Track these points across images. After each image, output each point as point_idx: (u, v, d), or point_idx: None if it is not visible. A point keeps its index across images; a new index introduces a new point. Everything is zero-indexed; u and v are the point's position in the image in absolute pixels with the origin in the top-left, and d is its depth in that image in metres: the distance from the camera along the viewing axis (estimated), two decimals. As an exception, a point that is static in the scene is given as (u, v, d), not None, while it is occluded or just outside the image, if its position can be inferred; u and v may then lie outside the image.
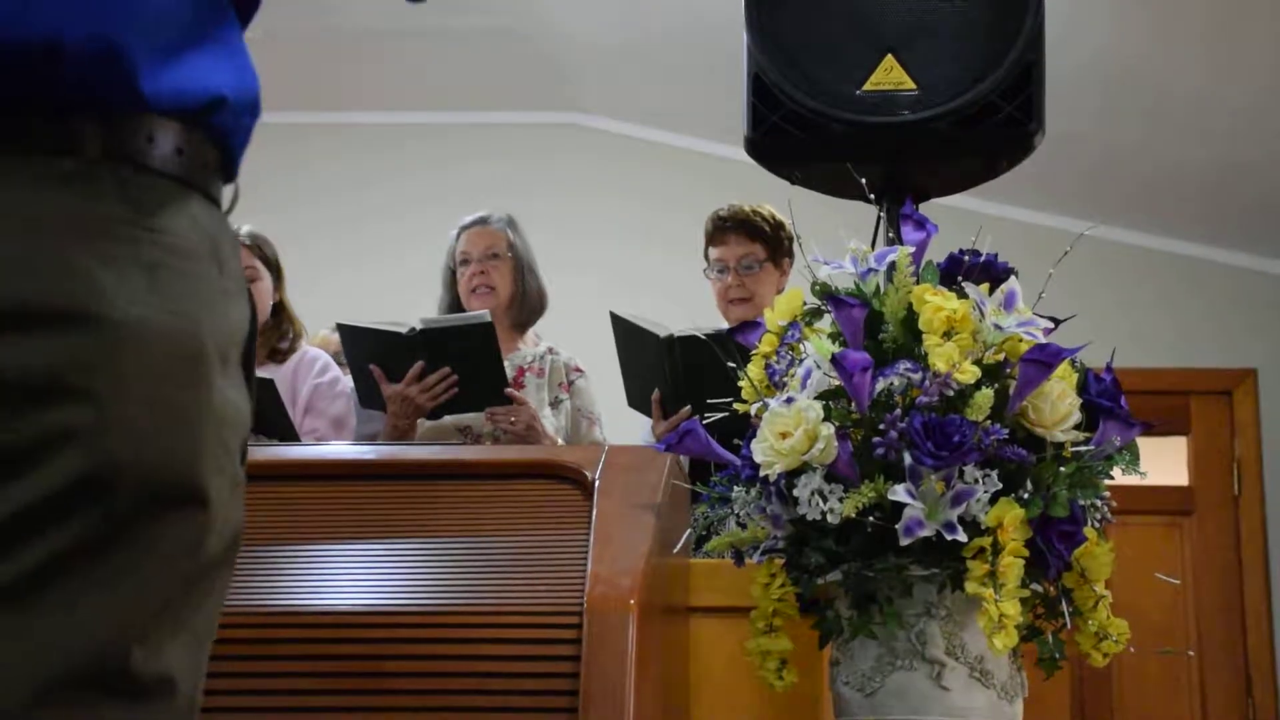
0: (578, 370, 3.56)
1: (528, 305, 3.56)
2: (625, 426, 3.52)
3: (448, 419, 3.38)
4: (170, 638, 1.09)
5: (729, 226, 3.44)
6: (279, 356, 3.56)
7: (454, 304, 3.56)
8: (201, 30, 1.14)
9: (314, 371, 3.55)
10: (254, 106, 1.21)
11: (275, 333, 3.58)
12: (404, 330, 3.25)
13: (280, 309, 3.61)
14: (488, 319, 3.25)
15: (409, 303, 3.88)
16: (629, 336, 3.23)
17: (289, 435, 3.32)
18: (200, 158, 1.15)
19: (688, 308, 3.43)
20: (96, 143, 1.08)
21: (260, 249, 3.59)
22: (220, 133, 1.17)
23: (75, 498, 1.01)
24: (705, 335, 2.95)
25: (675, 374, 3.12)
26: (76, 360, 1.02)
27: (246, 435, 1.18)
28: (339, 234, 5.80)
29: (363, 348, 3.32)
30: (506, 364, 3.46)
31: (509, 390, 3.29)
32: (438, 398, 3.25)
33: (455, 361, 3.23)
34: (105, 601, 1.04)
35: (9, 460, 1.00)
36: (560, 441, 3.38)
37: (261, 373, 3.38)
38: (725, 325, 3.35)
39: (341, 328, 3.36)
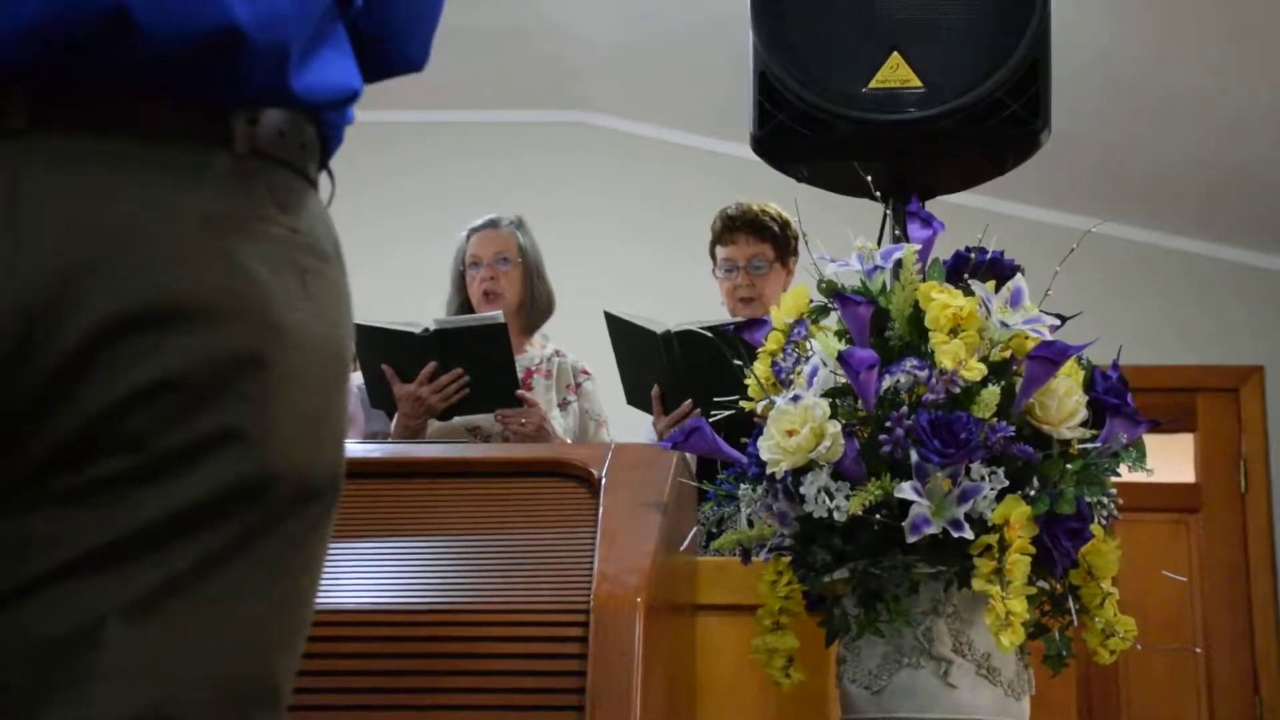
0: (585, 373, 3.56)
1: (536, 309, 3.56)
2: (630, 427, 3.52)
3: (458, 420, 3.38)
4: (301, 641, 1.10)
5: (738, 226, 3.43)
6: None
7: (464, 306, 3.56)
8: (331, 25, 1.13)
9: None
10: (350, 104, 1.20)
11: None
12: (417, 330, 3.25)
13: None
14: (501, 320, 3.25)
15: (416, 301, 3.88)
16: (625, 335, 3.22)
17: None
18: (315, 154, 1.15)
19: (694, 305, 3.43)
20: (246, 137, 1.06)
21: None
22: (329, 129, 1.16)
23: (234, 500, 1.01)
24: (703, 328, 2.94)
25: (675, 369, 3.12)
26: (242, 363, 1.01)
27: None
28: (345, 233, 5.79)
29: (375, 347, 3.32)
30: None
31: (520, 392, 3.29)
32: (449, 398, 3.25)
33: (468, 362, 3.23)
34: (259, 604, 1.04)
35: (173, 458, 0.99)
36: (570, 442, 3.38)
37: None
38: (725, 316, 3.35)
39: (356, 326, 3.36)
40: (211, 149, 1.05)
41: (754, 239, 3.42)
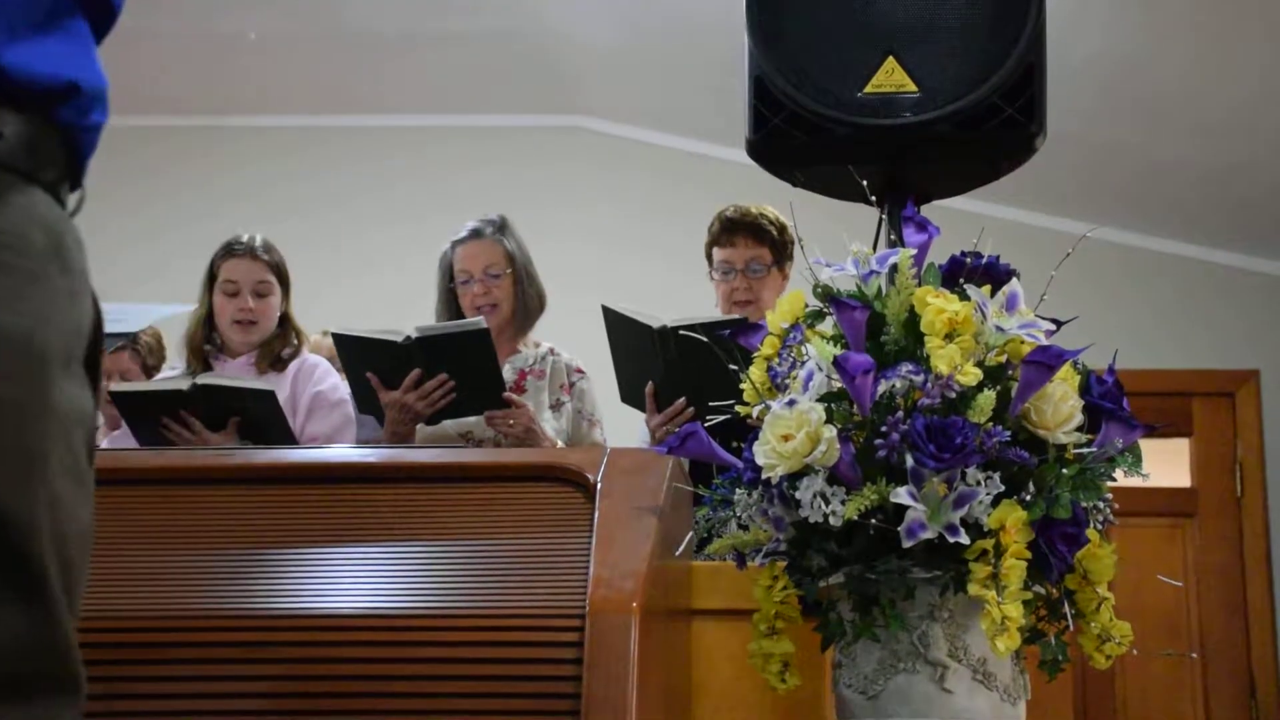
0: (579, 372, 3.55)
1: (529, 312, 3.56)
2: (625, 427, 3.52)
3: (448, 424, 3.38)
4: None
5: (737, 228, 3.43)
6: (280, 365, 3.57)
7: (454, 319, 3.55)
8: (53, 19, 1.12)
9: (314, 378, 3.56)
10: (103, 104, 1.18)
11: (280, 343, 3.59)
12: (399, 338, 3.24)
13: (285, 320, 3.62)
14: (483, 325, 3.25)
15: (412, 307, 3.87)
16: (621, 329, 3.22)
17: (289, 443, 3.31)
18: (47, 153, 1.13)
19: (688, 309, 3.42)
20: None
21: (275, 263, 3.59)
22: (68, 128, 1.15)
23: None
24: (700, 325, 2.94)
25: (669, 366, 3.11)
26: None
27: (92, 434, 1.16)
28: (339, 237, 5.80)
29: (359, 356, 3.31)
30: (507, 367, 3.46)
31: (507, 394, 3.29)
32: (436, 404, 3.25)
33: (452, 368, 3.23)
34: None
35: None
36: (560, 444, 3.37)
37: (262, 382, 3.38)
38: (719, 315, 3.34)
39: (336, 336, 3.35)
40: None
41: (753, 242, 3.42)
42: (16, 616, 1.05)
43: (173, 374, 3.64)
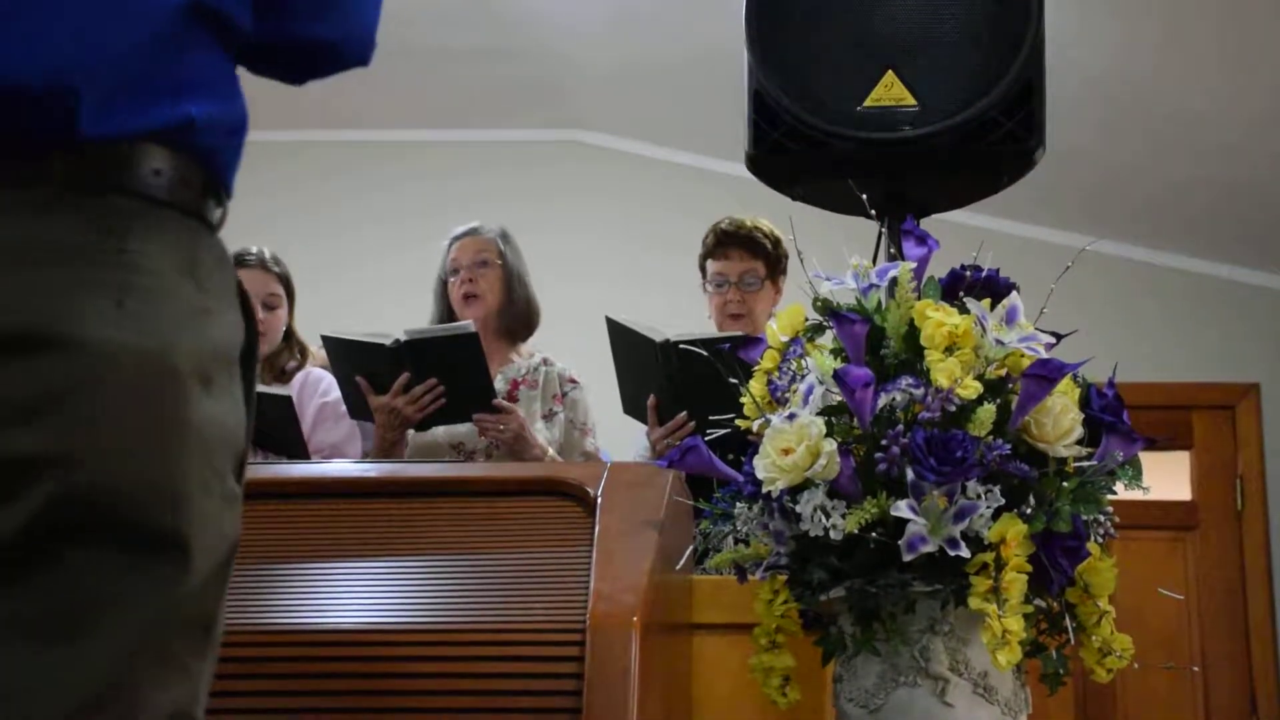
0: (572, 381, 3.55)
1: (516, 314, 3.56)
2: (626, 438, 3.52)
3: (439, 431, 3.38)
4: (162, 667, 1.08)
5: (732, 241, 3.43)
6: (284, 378, 3.58)
7: (445, 315, 3.56)
8: (171, 55, 1.14)
9: (319, 390, 3.56)
10: (238, 126, 1.21)
11: (284, 356, 3.60)
12: (387, 342, 3.25)
13: (289, 333, 3.63)
14: (472, 329, 3.25)
15: (410, 322, 3.87)
16: (624, 341, 3.22)
17: (301, 452, 3.31)
18: (182, 177, 1.15)
19: (686, 321, 3.43)
20: (62, 171, 1.08)
21: (283, 275, 3.61)
22: (203, 151, 1.17)
23: (60, 521, 1.01)
24: (701, 340, 2.94)
25: (671, 379, 3.12)
26: (45, 386, 1.01)
27: (241, 451, 1.17)
28: (335, 252, 5.80)
29: (348, 360, 3.32)
30: (500, 377, 3.46)
31: (498, 401, 3.29)
32: (425, 409, 3.25)
33: (441, 372, 3.23)
34: (98, 637, 1.03)
35: None
36: (553, 452, 3.37)
37: (274, 389, 3.39)
38: (717, 330, 3.36)
39: (326, 340, 3.36)
40: (27, 184, 1.07)
41: (747, 255, 3.42)
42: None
43: None
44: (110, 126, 1.10)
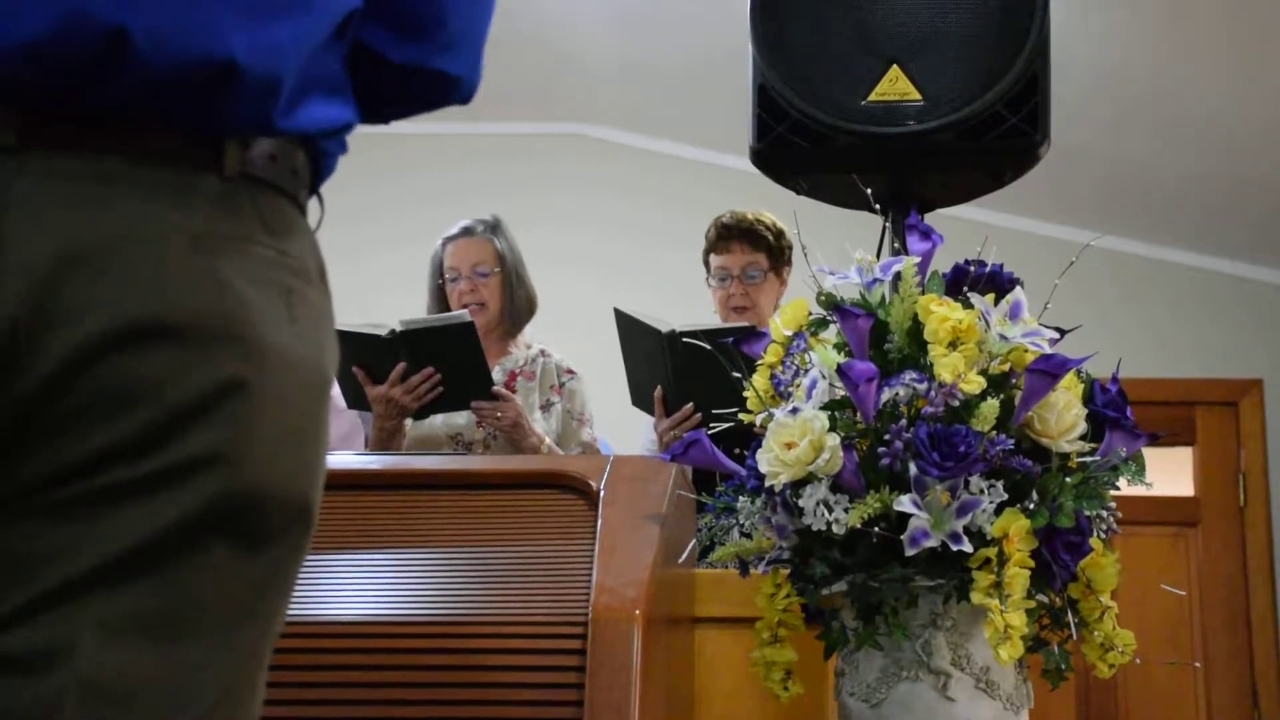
0: (569, 372, 3.55)
1: (517, 314, 3.56)
2: (629, 428, 3.52)
3: (437, 421, 3.38)
4: (265, 660, 1.10)
5: (733, 234, 3.44)
6: None
7: (442, 313, 3.55)
8: (328, 59, 1.14)
9: None
10: (345, 141, 1.21)
11: None
12: (383, 332, 3.25)
13: None
14: (467, 319, 3.25)
15: (412, 313, 3.87)
16: (632, 332, 3.23)
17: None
18: (306, 180, 1.15)
19: (690, 316, 3.42)
20: (237, 161, 1.07)
21: None
22: (322, 157, 1.18)
23: (217, 522, 1.01)
24: (706, 332, 2.94)
25: (676, 371, 3.12)
26: (225, 384, 1.01)
27: None
28: (337, 244, 5.79)
29: (344, 350, 3.31)
30: (498, 369, 3.46)
31: (496, 389, 3.29)
32: (422, 398, 3.25)
33: (437, 361, 3.23)
34: (239, 631, 1.05)
35: (156, 479, 0.99)
36: (550, 442, 3.38)
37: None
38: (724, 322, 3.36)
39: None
40: (201, 171, 1.06)
41: (749, 248, 3.42)
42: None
43: None
44: (294, 122, 1.10)
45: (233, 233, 1.05)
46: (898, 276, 1.90)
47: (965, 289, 1.93)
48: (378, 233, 5.83)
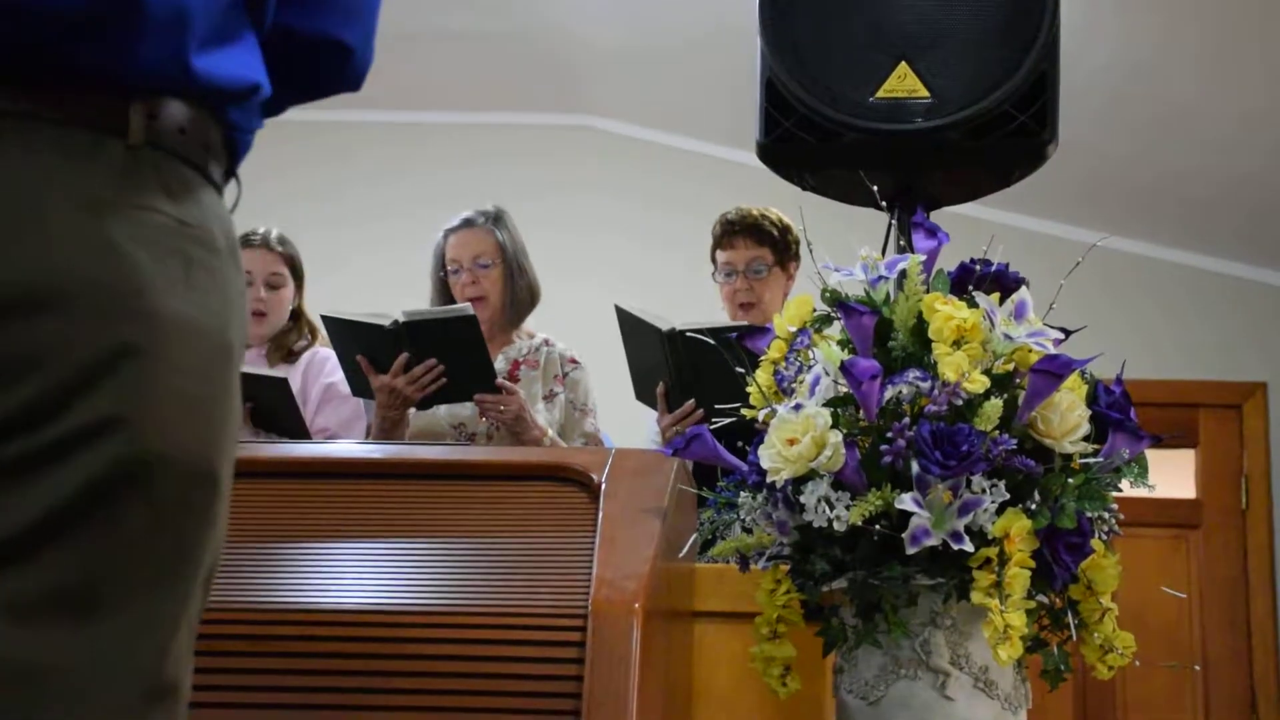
0: (573, 362, 3.55)
1: (519, 305, 3.56)
2: (631, 422, 3.52)
3: (440, 411, 3.38)
4: (187, 632, 1.09)
5: (738, 230, 3.44)
6: (292, 357, 3.58)
7: (445, 305, 3.55)
8: (238, 21, 1.14)
9: (324, 371, 3.57)
10: (260, 115, 1.21)
11: (292, 335, 3.60)
12: (386, 323, 3.25)
13: (298, 314, 3.64)
14: (470, 311, 3.25)
15: (414, 302, 3.87)
16: (632, 329, 3.23)
17: (300, 433, 3.32)
18: (219, 154, 1.15)
19: (696, 310, 3.42)
20: (142, 129, 1.07)
21: (289, 257, 3.61)
22: (235, 129, 1.17)
23: (118, 488, 1.01)
24: (708, 330, 2.95)
25: (679, 367, 3.13)
26: (117, 349, 1.01)
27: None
28: (342, 231, 5.80)
29: (348, 339, 3.33)
30: (501, 358, 3.46)
31: (500, 381, 3.30)
32: (425, 389, 3.26)
33: (440, 353, 3.24)
34: (149, 599, 1.03)
35: (51, 448, 0.98)
36: (553, 433, 3.38)
37: (274, 372, 3.39)
38: (727, 318, 3.36)
39: (326, 319, 3.37)
40: (105, 136, 1.05)
41: (753, 243, 3.43)
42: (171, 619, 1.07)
43: None
44: (203, 71, 1.09)
45: (132, 200, 1.05)
46: (903, 274, 1.90)
47: (970, 288, 1.92)
48: (389, 228, 5.82)
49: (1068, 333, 1.91)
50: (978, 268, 1.95)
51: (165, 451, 1.03)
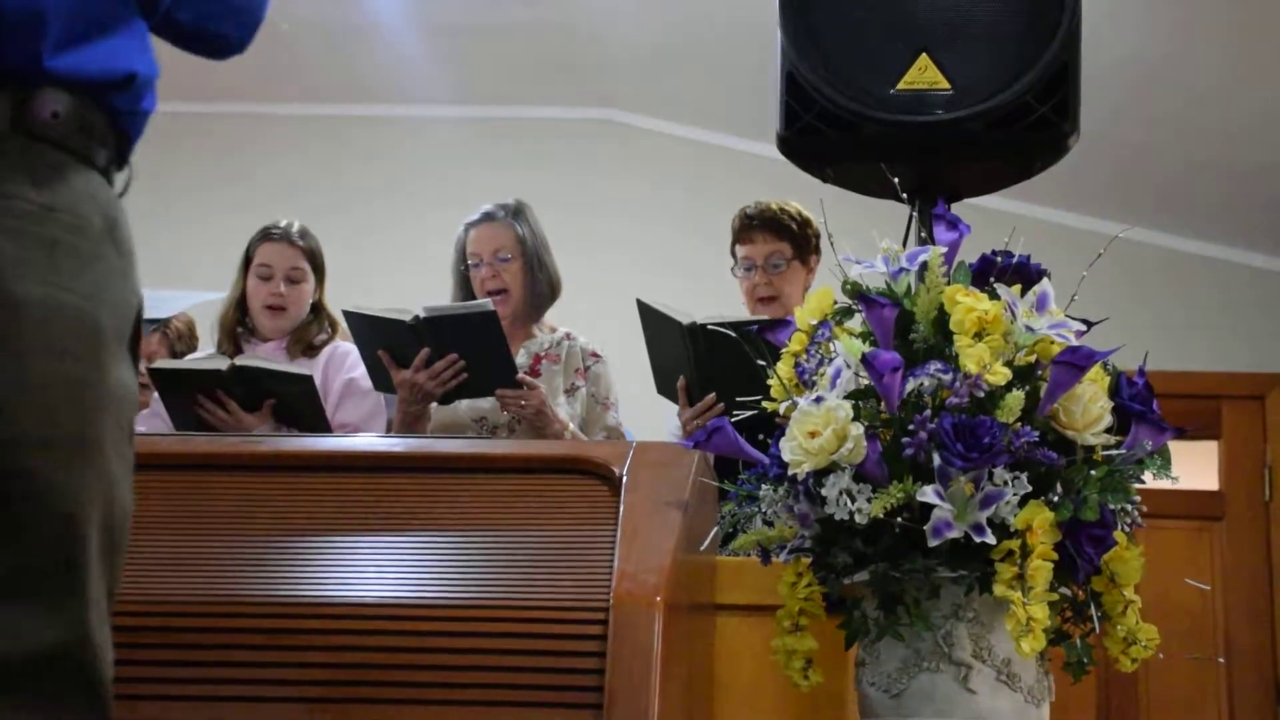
0: (595, 356, 3.56)
1: (539, 298, 3.56)
2: (653, 415, 3.52)
3: (462, 405, 3.39)
4: (50, 613, 1.09)
5: (756, 224, 3.44)
6: (312, 351, 3.59)
7: (467, 300, 3.56)
8: (114, 13, 1.15)
9: (345, 366, 3.57)
10: (153, 92, 1.22)
11: (313, 329, 3.61)
12: (407, 318, 3.26)
13: (319, 307, 3.64)
14: (490, 307, 3.26)
15: (440, 298, 3.88)
16: (654, 323, 3.24)
17: (322, 429, 3.33)
18: (101, 136, 1.16)
19: (719, 303, 3.42)
20: (6, 114, 1.08)
21: (310, 251, 3.61)
22: (120, 114, 1.18)
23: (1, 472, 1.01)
24: (728, 324, 2.95)
25: (699, 361, 3.13)
26: None
27: (134, 415, 1.18)
28: (370, 227, 5.81)
29: (370, 335, 3.34)
30: (522, 352, 3.47)
31: (521, 376, 3.30)
32: (446, 384, 3.27)
33: (461, 348, 3.25)
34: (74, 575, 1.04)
35: None
36: (574, 427, 3.38)
37: (295, 367, 3.40)
38: (748, 312, 3.36)
39: (347, 314, 3.38)
40: None
41: (772, 237, 3.43)
42: (53, 620, 1.07)
43: (205, 355, 3.65)
44: (65, 64, 1.10)
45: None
46: (924, 266, 1.89)
47: (992, 279, 1.92)
48: (412, 224, 5.83)
49: (1089, 324, 1.90)
50: (999, 259, 1.95)
51: (28, 439, 1.04)
